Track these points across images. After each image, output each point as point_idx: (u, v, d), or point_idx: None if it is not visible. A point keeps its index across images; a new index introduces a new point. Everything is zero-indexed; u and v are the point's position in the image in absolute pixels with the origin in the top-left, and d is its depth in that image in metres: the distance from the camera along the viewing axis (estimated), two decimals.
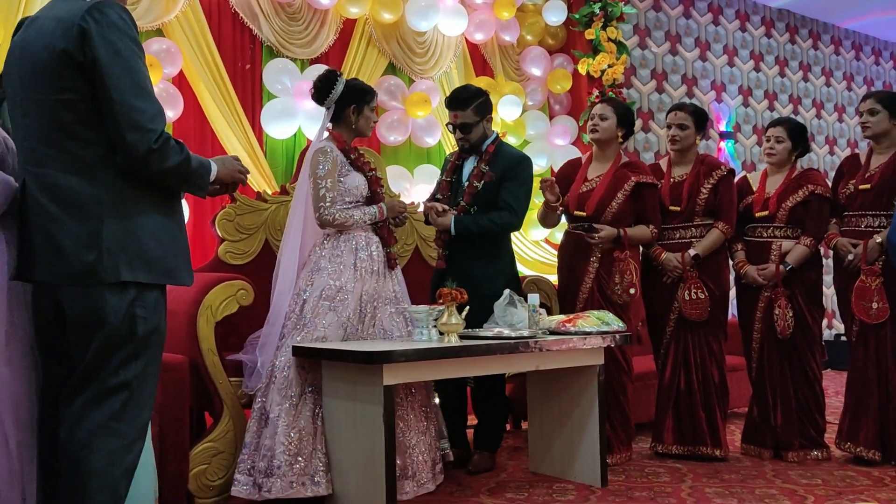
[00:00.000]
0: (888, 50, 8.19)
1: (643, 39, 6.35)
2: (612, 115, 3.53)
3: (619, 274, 3.43)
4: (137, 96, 1.77)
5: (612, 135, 3.55)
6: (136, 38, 1.84)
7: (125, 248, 1.80)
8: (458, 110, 3.36)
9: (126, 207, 1.81)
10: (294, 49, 4.46)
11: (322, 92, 3.05)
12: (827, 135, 7.55)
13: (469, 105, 3.36)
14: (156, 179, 1.85)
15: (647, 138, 6.29)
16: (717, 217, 3.59)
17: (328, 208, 2.96)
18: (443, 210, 3.32)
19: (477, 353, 2.77)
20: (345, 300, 2.92)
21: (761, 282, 3.53)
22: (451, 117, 3.40)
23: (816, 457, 3.53)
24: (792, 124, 3.71)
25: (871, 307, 3.33)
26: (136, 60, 1.80)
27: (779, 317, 3.48)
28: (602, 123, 3.53)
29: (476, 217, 3.34)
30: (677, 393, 3.58)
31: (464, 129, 3.37)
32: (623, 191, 3.49)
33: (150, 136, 1.77)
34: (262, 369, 2.86)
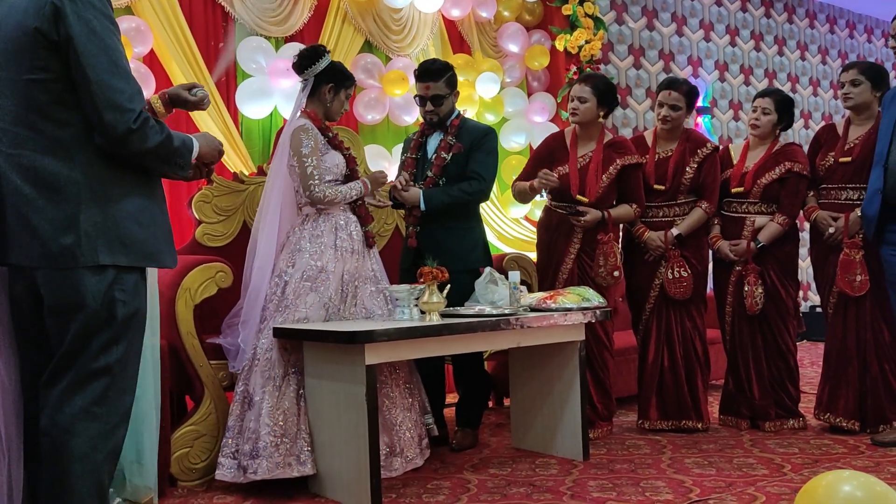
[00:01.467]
0: (862, 23, 8.24)
1: (620, 15, 6.33)
2: (591, 97, 3.49)
3: (602, 257, 3.44)
4: (115, 75, 1.74)
5: (592, 116, 3.53)
6: (111, 17, 1.80)
7: (104, 231, 1.77)
8: (431, 81, 3.34)
9: (105, 190, 1.78)
10: (268, 27, 4.39)
11: (305, 62, 3.02)
12: (802, 108, 7.60)
13: (441, 77, 3.35)
14: (136, 160, 1.82)
15: (626, 114, 6.29)
16: (701, 196, 3.61)
17: (319, 185, 2.95)
18: (406, 184, 3.29)
19: (458, 332, 2.78)
20: (326, 280, 2.91)
21: (733, 257, 3.56)
22: (423, 89, 3.37)
23: (793, 426, 3.59)
24: (780, 96, 3.67)
25: (855, 280, 3.37)
26: (112, 39, 1.76)
27: (747, 293, 3.51)
28: (582, 106, 3.50)
29: (445, 188, 3.33)
30: (661, 370, 3.62)
31: (435, 100, 3.35)
32: (608, 174, 3.49)
33: (128, 116, 1.74)
34: (245, 346, 2.85)
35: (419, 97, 3.40)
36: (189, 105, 2.52)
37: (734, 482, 2.76)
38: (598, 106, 3.51)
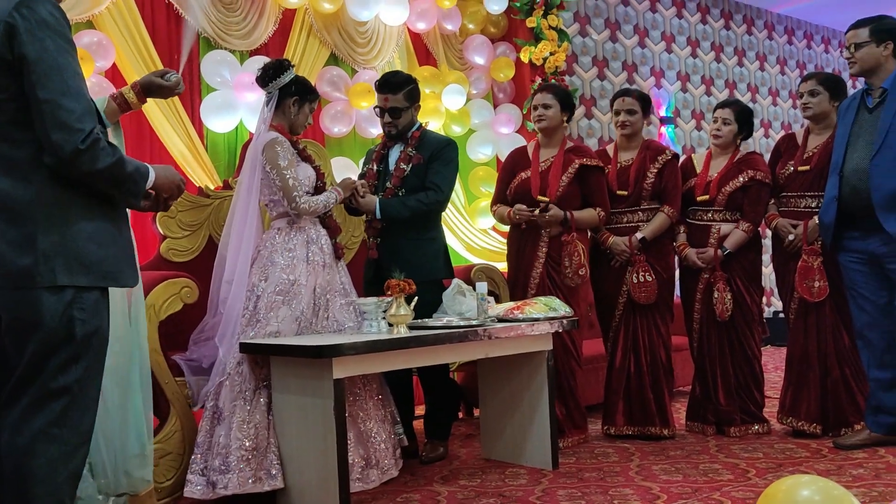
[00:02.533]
0: (819, 34, 8.45)
1: (583, 27, 6.42)
2: (554, 103, 3.59)
3: (567, 257, 3.48)
4: (65, 95, 1.71)
5: (558, 122, 3.62)
6: (67, 35, 1.78)
7: (62, 251, 1.74)
8: (390, 93, 3.36)
9: (63, 210, 1.76)
10: (232, 41, 4.38)
11: (269, 75, 3.02)
12: (762, 118, 7.76)
13: (401, 89, 3.37)
14: (86, 182, 1.78)
15: (591, 124, 6.37)
16: (663, 201, 3.67)
17: (302, 196, 2.95)
18: (363, 191, 3.30)
19: (426, 343, 2.78)
20: (298, 294, 2.91)
21: (700, 265, 3.63)
22: (381, 101, 3.39)
23: (757, 431, 3.64)
24: (739, 107, 3.78)
25: (813, 286, 3.44)
26: (66, 58, 1.74)
27: (717, 300, 3.58)
28: (547, 112, 3.59)
29: (402, 198, 3.34)
30: (627, 376, 3.66)
31: (393, 112, 3.36)
32: (567, 173, 3.55)
33: (77, 136, 1.71)
34: (225, 360, 2.82)
35: (378, 108, 3.42)
36: (164, 91, 2.50)
37: (700, 488, 2.79)
38: (561, 111, 3.60)
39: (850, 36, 3.22)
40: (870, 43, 3.16)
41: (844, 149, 3.24)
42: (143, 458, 2.49)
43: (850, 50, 3.20)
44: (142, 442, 2.49)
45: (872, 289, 3.21)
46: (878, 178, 3.08)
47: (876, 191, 3.08)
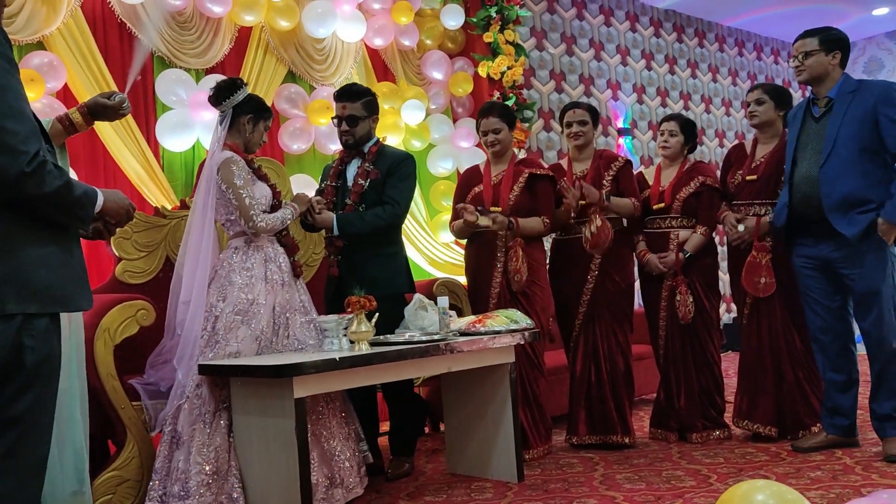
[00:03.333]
0: (769, 45, 8.66)
1: (540, 41, 6.50)
2: (503, 126, 3.66)
3: (511, 261, 3.50)
4: (8, 117, 1.67)
5: (509, 142, 3.70)
6: (8, 56, 1.74)
7: (10, 279, 1.69)
8: (347, 102, 3.37)
9: (10, 236, 1.71)
10: (187, 59, 4.34)
11: (223, 94, 2.99)
12: (716, 128, 7.92)
13: (358, 98, 3.38)
14: (32, 206, 1.73)
15: (550, 137, 6.43)
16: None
17: (260, 215, 2.93)
18: (319, 208, 3.29)
19: (388, 360, 2.77)
20: (258, 313, 2.88)
21: (662, 269, 3.68)
22: (339, 109, 3.40)
23: (718, 436, 3.70)
24: (683, 119, 3.92)
25: (759, 282, 3.52)
26: (7, 78, 1.70)
27: (680, 303, 3.64)
28: (499, 136, 3.65)
29: (359, 213, 3.33)
30: (588, 385, 3.69)
31: (350, 121, 3.37)
32: (518, 183, 3.59)
33: (22, 158, 1.66)
34: (183, 381, 2.77)
35: (336, 118, 3.42)
36: (110, 112, 2.45)
37: (663, 495, 2.82)
38: (510, 131, 3.68)
39: (799, 45, 3.30)
40: (819, 52, 3.24)
41: (793, 157, 3.31)
42: (81, 495, 2.39)
43: (800, 58, 3.28)
44: (81, 477, 2.38)
45: (825, 293, 3.28)
46: (827, 186, 3.17)
47: (826, 198, 3.16)
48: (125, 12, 4.14)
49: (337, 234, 3.31)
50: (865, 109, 3.13)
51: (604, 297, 3.66)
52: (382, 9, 5.14)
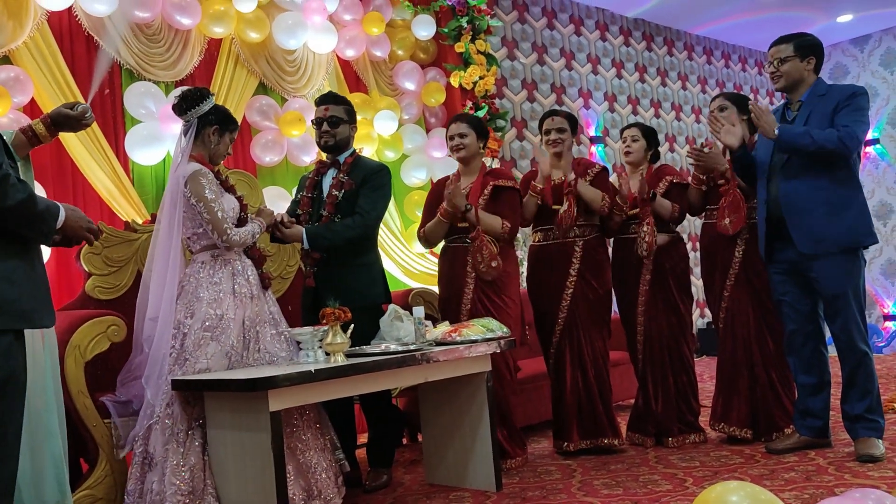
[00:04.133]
0: (736, 53, 8.80)
1: (511, 51, 6.54)
2: (470, 132, 3.65)
3: (478, 252, 3.50)
4: None
5: (475, 149, 3.68)
6: None
7: None
8: (330, 104, 3.42)
9: None
10: (156, 72, 4.30)
11: (188, 103, 2.94)
12: (687, 135, 8.02)
13: (341, 103, 3.44)
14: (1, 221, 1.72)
15: (523, 146, 6.46)
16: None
17: (233, 229, 2.90)
18: (290, 223, 3.28)
19: (364, 371, 2.75)
20: (227, 328, 2.84)
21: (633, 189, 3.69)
22: (321, 111, 3.42)
23: (694, 440, 3.72)
24: (644, 126, 4.01)
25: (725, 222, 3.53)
26: None
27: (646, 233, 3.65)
28: (464, 140, 3.64)
29: (328, 224, 3.32)
30: (576, 389, 3.69)
31: (332, 122, 3.39)
32: (483, 196, 3.60)
33: None
34: (153, 402, 2.72)
35: (317, 119, 3.43)
36: (72, 122, 2.43)
37: (640, 500, 2.83)
38: (477, 139, 3.67)
39: (774, 51, 3.34)
40: (794, 57, 3.29)
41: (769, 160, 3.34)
42: None
43: (775, 65, 3.32)
44: (63, 489, 2.37)
45: (795, 296, 3.32)
46: (785, 188, 3.22)
47: (784, 197, 3.22)
48: (92, 25, 4.10)
49: (307, 248, 3.29)
50: (827, 111, 3.19)
51: (584, 304, 3.67)
52: (353, 20, 5.15)
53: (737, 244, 3.61)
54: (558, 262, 3.70)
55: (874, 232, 3.23)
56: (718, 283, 3.68)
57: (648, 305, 3.76)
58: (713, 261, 3.73)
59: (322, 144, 3.45)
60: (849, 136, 3.08)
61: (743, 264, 3.60)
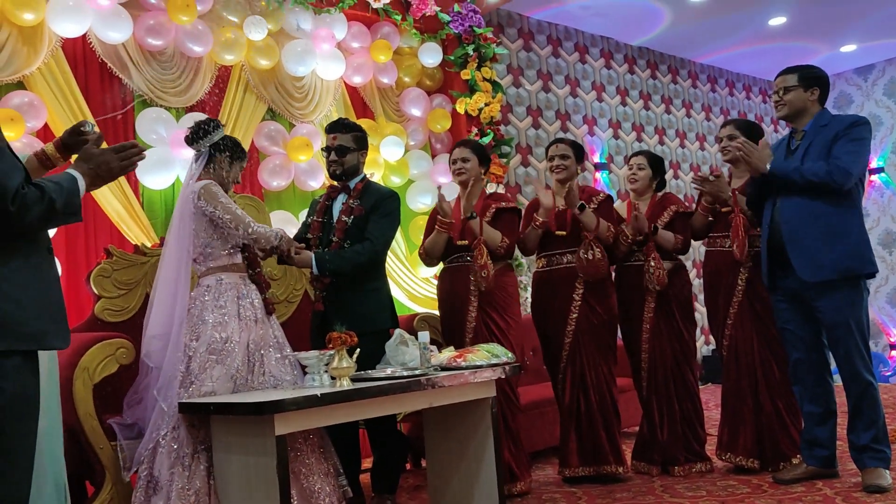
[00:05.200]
0: (741, 82, 8.86)
1: (517, 78, 6.60)
2: (472, 157, 3.71)
3: (475, 261, 3.52)
4: None
5: (477, 173, 3.73)
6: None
7: None
8: (338, 132, 3.45)
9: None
10: (168, 98, 4.36)
11: (200, 133, 3.02)
12: (691, 162, 8.06)
13: (349, 131, 3.47)
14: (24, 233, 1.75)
15: (527, 172, 6.51)
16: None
17: (255, 223, 2.95)
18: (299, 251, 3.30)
19: (369, 396, 2.76)
20: (232, 351, 2.86)
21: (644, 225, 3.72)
22: (330, 140, 3.46)
23: (700, 469, 3.71)
24: (651, 154, 4.04)
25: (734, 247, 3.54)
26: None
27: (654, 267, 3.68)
28: (466, 165, 3.69)
29: (337, 252, 3.35)
30: (578, 415, 3.69)
31: (340, 151, 3.42)
32: (486, 218, 3.64)
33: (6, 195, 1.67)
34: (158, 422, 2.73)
35: (326, 148, 3.47)
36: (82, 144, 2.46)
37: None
38: (479, 164, 3.73)
39: (780, 81, 3.39)
40: (798, 87, 3.34)
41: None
42: None
43: (780, 94, 3.37)
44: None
45: (799, 324, 3.32)
46: (785, 213, 3.25)
47: (785, 224, 3.24)
48: (106, 52, 4.17)
49: (316, 274, 3.32)
50: (826, 141, 3.22)
51: (588, 329, 3.68)
52: (361, 47, 5.22)
53: (740, 271, 3.62)
54: (562, 288, 3.72)
55: (874, 261, 3.24)
56: (722, 310, 3.69)
57: (652, 333, 3.77)
58: (717, 287, 3.74)
59: (330, 173, 3.50)
60: (838, 170, 3.12)
61: (746, 291, 3.61)
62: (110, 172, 1.95)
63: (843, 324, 3.15)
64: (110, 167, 1.95)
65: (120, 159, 1.97)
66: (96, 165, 1.92)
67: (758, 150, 3.26)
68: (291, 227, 4.66)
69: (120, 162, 1.97)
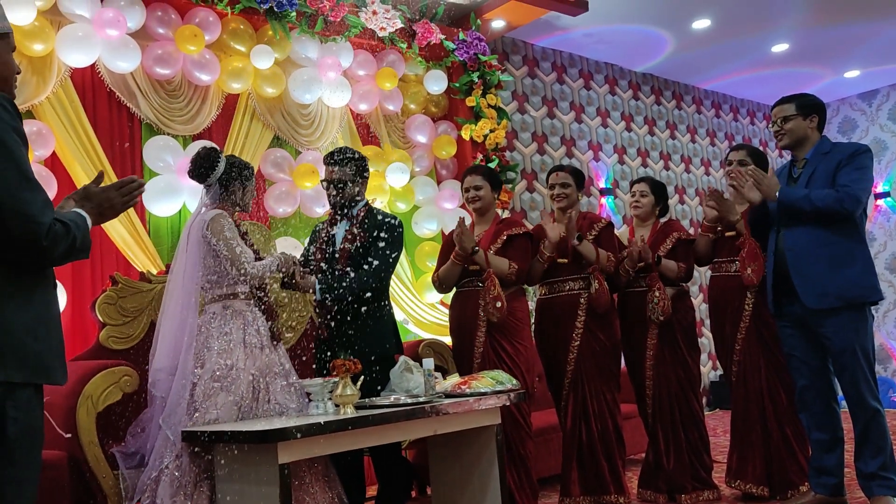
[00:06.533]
0: (745, 107, 8.90)
1: (521, 104, 6.65)
2: (485, 184, 3.72)
3: (487, 292, 3.50)
4: (25, 188, 1.71)
5: (490, 200, 3.74)
6: (19, 129, 1.79)
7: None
8: (335, 166, 3.43)
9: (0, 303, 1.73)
10: (175, 126, 4.41)
11: (203, 170, 3.03)
12: (696, 187, 8.07)
13: (346, 163, 3.43)
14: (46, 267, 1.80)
15: (533, 198, 6.53)
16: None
17: (251, 262, 2.93)
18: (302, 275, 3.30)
19: (373, 423, 2.75)
20: (237, 379, 2.85)
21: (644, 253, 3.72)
22: (328, 172, 3.46)
23: (708, 497, 3.67)
24: (654, 181, 4.05)
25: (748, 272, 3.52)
26: (21, 152, 1.75)
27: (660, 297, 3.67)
28: (479, 192, 3.71)
29: (340, 277, 3.33)
30: (580, 443, 3.66)
31: (338, 185, 3.42)
32: (496, 244, 3.64)
33: (40, 230, 1.71)
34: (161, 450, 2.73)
35: (325, 181, 3.47)
36: None
37: None
38: (492, 190, 3.74)
39: (777, 111, 3.41)
40: (797, 116, 3.35)
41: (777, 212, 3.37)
42: None
43: (779, 124, 3.38)
44: None
45: (805, 350, 3.31)
46: (790, 241, 3.25)
47: (789, 251, 3.24)
48: (114, 82, 4.22)
49: (318, 300, 3.32)
50: (830, 169, 3.23)
51: (590, 356, 3.67)
52: (367, 75, 5.27)
53: (747, 296, 3.61)
54: (564, 315, 3.71)
55: (879, 288, 3.23)
56: (729, 336, 3.67)
57: (656, 360, 3.75)
58: (723, 313, 3.73)
59: (331, 204, 3.51)
60: (848, 197, 3.12)
61: (753, 316, 3.60)
62: (113, 209, 1.99)
63: (849, 350, 3.14)
64: (113, 204, 1.98)
65: (122, 195, 2.00)
66: (98, 204, 1.96)
67: (767, 177, 3.28)
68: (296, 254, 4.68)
69: (122, 198, 2.00)
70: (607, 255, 3.72)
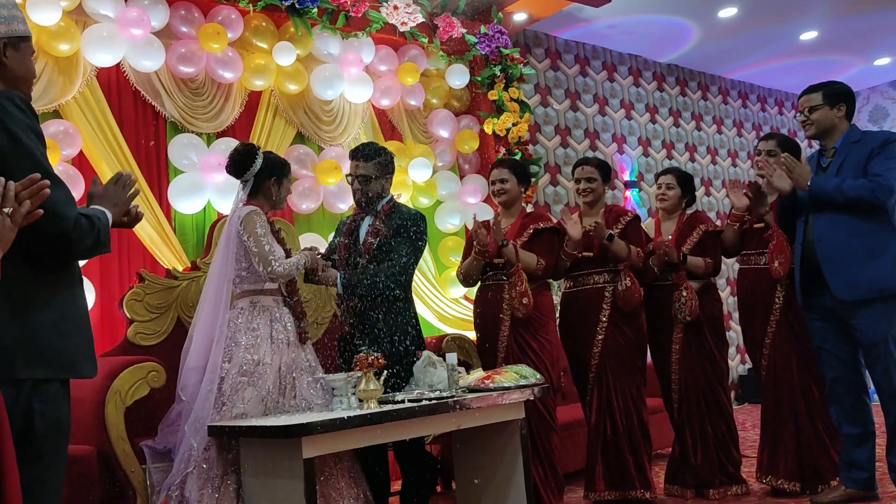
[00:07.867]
0: (772, 97, 8.76)
1: (544, 98, 6.61)
2: (511, 177, 3.70)
3: (513, 288, 3.49)
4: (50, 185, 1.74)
5: (516, 194, 3.73)
6: (37, 129, 1.82)
7: (23, 345, 1.73)
8: (360, 161, 3.44)
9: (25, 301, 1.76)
10: (199, 123, 4.44)
11: (240, 166, 3.06)
12: (723, 179, 7.96)
13: (370, 159, 3.43)
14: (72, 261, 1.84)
15: (556, 191, 6.49)
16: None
17: (278, 260, 2.94)
18: (324, 268, 3.31)
19: (396, 418, 2.76)
20: (263, 374, 2.88)
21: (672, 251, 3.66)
22: (353, 168, 3.47)
23: (736, 492, 3.63)
24: (680, 172, 3.97)
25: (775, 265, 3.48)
26: (40, 150, 1.79)
27: (687, 297, 3.62)
28: (505, 186, 3.70)
29: (362, 272, 3.33)
30: (604, 438, 3.64)
31: (363, 180, 3.42)
32: (522, 238, 3.62)
33: (67, 224, 1.76)
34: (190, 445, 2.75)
35: (349, 175, 3.48)
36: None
37: None
38: (518, 184, 3.72)
39: (804, 100, 3.35)
40: (823, 106, 3.29)
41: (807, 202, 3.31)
42: None
43: (805, 113, 3.33)
44: None
45: (836, 343, 3.26)
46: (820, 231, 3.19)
47: (819, 242, 3.18)
48: (139, 80, 4.27)
49: (340, 293, 3.33)
50: (860, 158, 3.17)
51: (615, 350, 3.64)
52: (389, 70, 5.27)
53: (777, 289, 3.55)
54: (589, 309, 3.69)
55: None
56: (759, 330, 3.62)
57: (682, 354, 3.70)
58: (753, 307, 3.67)
59: (356, 200, 3.51)
60: (881, 187, 3.06)
61: (784, 309, 3.54)
62: (125, 203, 2.05)
63: (881, 342, 3.08)
64: (121, 197, 2.04)
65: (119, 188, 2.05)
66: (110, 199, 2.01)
67: (800, 165, 3.22)
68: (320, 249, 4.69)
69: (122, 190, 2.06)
70: (636, 250, 3.68)
